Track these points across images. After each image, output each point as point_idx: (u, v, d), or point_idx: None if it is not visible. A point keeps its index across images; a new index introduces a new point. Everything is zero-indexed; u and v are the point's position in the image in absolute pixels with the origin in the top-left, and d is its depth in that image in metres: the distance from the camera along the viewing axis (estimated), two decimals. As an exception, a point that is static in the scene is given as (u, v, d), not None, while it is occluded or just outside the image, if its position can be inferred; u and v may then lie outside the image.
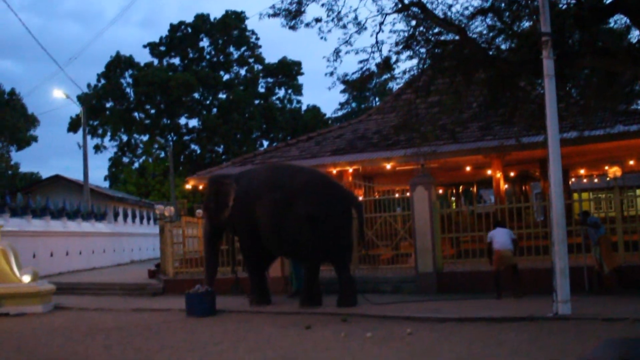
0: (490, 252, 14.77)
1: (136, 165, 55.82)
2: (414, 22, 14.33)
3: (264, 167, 17.00)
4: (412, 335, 10.65)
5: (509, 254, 14.61)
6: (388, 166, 20.13)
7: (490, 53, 13.69)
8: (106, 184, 56.68)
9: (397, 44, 14.52)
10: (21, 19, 74.59)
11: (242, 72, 56.29)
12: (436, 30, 14.37)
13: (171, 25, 54.86)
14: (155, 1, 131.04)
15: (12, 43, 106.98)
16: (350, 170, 20.92)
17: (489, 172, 21.54)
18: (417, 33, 14.46)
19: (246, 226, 15.49)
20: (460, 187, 31.16)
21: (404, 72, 15.47)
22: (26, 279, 17.25)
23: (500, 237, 14.71)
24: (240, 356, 9.67)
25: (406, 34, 14.47)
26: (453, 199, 30.44)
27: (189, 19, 55.18)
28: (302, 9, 14.85)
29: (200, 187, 23.54)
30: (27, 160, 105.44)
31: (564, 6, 13.32)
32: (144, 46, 54.65)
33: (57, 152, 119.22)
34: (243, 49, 55.67)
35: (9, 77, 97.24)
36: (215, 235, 16.40)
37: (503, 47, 14.03)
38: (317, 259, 14.95)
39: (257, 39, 55.92)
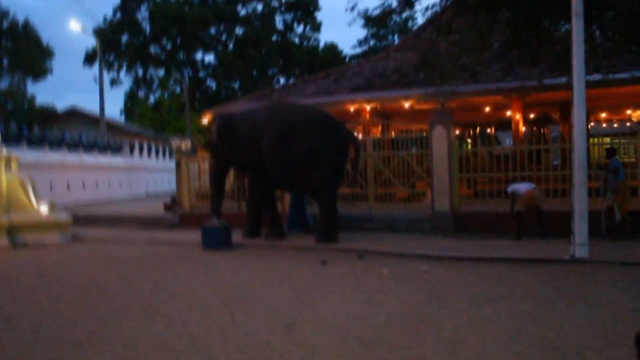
0: (514, 200, 14.61)
1: (152, 99, 55.76)
2: (438, -43, 14.03)
3: (267, 104, 17.12)
4: (428, 273, 10.71)
5: (538, 193, 14.60)
6: (406, 105, 19.96)
7: (516, -9, 13.39)
8: (122, 118, 56.80)
9: (420, -21, 14.22)
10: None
11: (259, 7, 55.55)
12: (461, -34, 14.06)
13: (188, -43, 54.00)
14: None
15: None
16: (368, 108, 20.76)
17: (508, 113, 21.33)
18: (441, -32, 14.17)
19: (252, 162, 15.65)
20: (478, 128, 30.92)
21: (426, 9, 15.23)
22: (44, 209, 17.41)
23: (524, 185, 14.71)
24: (256, 289, 9.75)
25: (430, -31, 14.18)
26: (469, 140, 30.24)
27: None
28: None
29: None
30: (43, 93, 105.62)
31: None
32: (161, -21, 53.97)
33: (73, 86, 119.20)
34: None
35: (24, 8, 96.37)
36: (221, 170, 16.57)
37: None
38: (328, 191, 15.00)
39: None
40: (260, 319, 7.85)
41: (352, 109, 20.64)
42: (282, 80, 54.18)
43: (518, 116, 20.27)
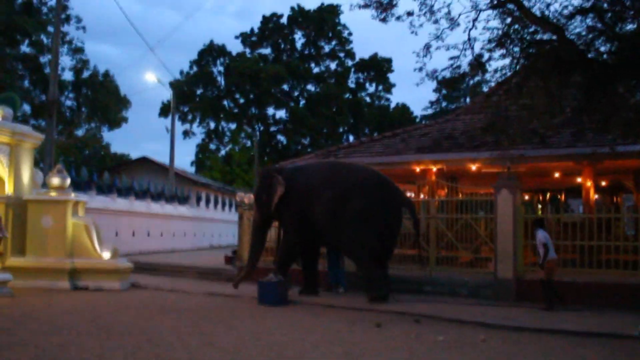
0: (546, 257, 14.16)
1: (222, 152, 56.68)
2: (509, 20, 13.87)
3: (321, 163, 17.70)
4: (485, 343, 10.27)
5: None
6: (473, 167, 19.61)
7: (589, 55, 13.08)
8: (192, 169, 57.83)
9: (490, 41, 14.10)
10: (120, 4, 76.52)
11: (332, 65, 56.24)
12: (532, 29, 13.86)
13: (264, 16, 55.33)
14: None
15: (111, 29, 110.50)
16: (434, 169, 20.48)
17: (579, 180, 20.70)
18: (511, 31, 13.99)
19: (300, 218, 15.92)
20: (547, 194, 30.16)
21: (495, 71, 15.02)
22: (106, 255, 17.63)
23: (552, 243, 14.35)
24: (306, 349, 9.51)
25: (500, 32, 14.02)
26: (539, 205, 29.51)
27: (282, 10, 55.67)
28: (394, 2, 14.60)
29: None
30: (118, 142, 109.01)
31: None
32: (236, 37, 55.33)
33: (147, 136, 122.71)
34: (334, 42, 55.60)
35: (105, 60, 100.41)
36: (264, 224, 16.86)
37: (602, 49, 13.37)
38: (372, 253, 15.10)
39: (350, 34, 55.80)
40: (304, 380, 7.60)
41: (418, 169, 20.40)
42: (351, 138, 54.37)
43: (589, 183, 19.63)
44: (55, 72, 24.79)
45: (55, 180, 17.93)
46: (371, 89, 57.24)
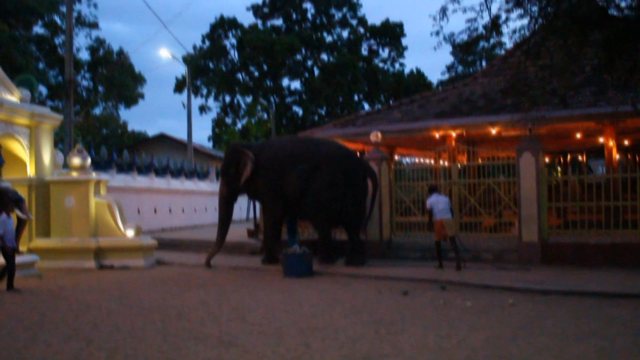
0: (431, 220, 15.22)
1: (239, 126, 56.59)
2: (526, -22, 13.62)
3: (290, 138, 19.01)
4: (514, 307, 10.24)
5: (450, 222, 15.04)
6: (493, 131, 19.44)
7: (609, 11, 12.85)
8: (210, 144, 57.86)
9: (507, 1, 13.86)
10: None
11: (345, 33, 55.76)
12: (550, -14, 13.61)
13: (275, -14, 54.77)
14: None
15: (122, 6, 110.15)
16: (454, 134, 20.33)
17: (601, 140, 20.48)
18: (529, -10, 13.75)
19: (272, 191, 16.72)
20: (569, 156, 29.90)
21: (514, 32, 14.81)
22: (130, 233, 17.73)
23: (441, 205, 15.06)
24: (335, 319, 9.52)
25: (518, -9, 13.79)
26: (559, 168, 29.27)
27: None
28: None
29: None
30: (135, 119, 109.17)
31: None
32: (247, 9, 54.92)
33: (163, 112, 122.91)
34: (345, 9, 55.05)
35: (118, 38, 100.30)
36: (231, 198, 17.61)
37: (623, 4, 13.13)
38: (330, 219, 16.27)
39: (359, -1, 55.19)
40: (335, 350, 7.61)
41: (437, 135, 20.27)
42: (367, 106, 54.07)
43: (611, 143, 19.39)
44: (70, 52, 24.72)
45: (76, 161, 17.99)
46: (384, 54, 56.73)
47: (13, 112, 17.04)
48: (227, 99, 54.64)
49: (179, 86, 52.30)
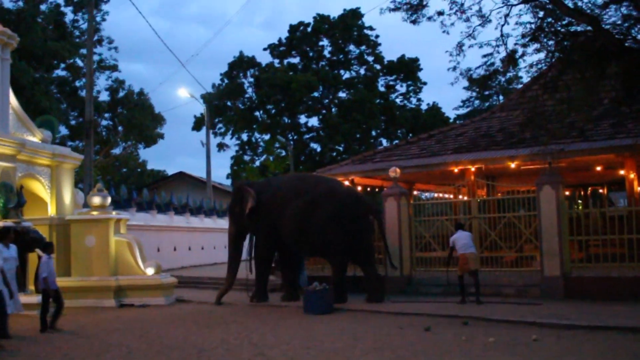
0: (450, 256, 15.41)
1: (257, 163, 56.81)
2: (541, 13, 13.75)
3: (288, 176, 19.36)
4: (538, 343, 10.09)
5: (473, 257, 15.00)
6: (512, 165, 19.35)
7: (626, 44, 12.87)
8: (228, 182, 58.09)
9: (523, 36, 14.01)
10: (149, 22, 77.61)
11: (362, 70, 56.08)
12: (566, 21, 13.71)
13: (291, 25, 55.33)
14: (277, 3, 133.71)
15: (142, 47, 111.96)
16: (473, 169, 20.25)
17: (622, 172, 20.34)
18: (545, 24, 13.87)
19: (266, 229, 16.87)
20: (589, 189, 29.69)
21: (531, 66, 14.88)
22: (150, 271, 17.79)
23: (464, 240, 15.08)
24: (357, 356, 9.45)
25: (533, 26, 13.90)
26: (580, 200, 29.06)
27: (309, 19, 55.62)
28: (424, 2, 14.54)
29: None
30: (154, 158, 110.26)
31: None
32: (264, 49, 55.48)
33: (182, 150, 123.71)
34: (362, 47, 55.45)
35: (138, 78, 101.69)
36: (238, 237, 17.75)
37: (639, 36, 13.16)
38: (343, 256, 16.15)
39: (377, 36, 55.57)
40: (358, 388, 7.53)
41: (456, 170, 20.21)
42: (384, 142, 54.17)
43: (632, 175, 19.26)
44: (90, 92, 25.12)
45: (96, 200, 18.12)
46: (402, 89, 56.94)
47: (35, 152, 17.27)
48: (245, 136, 54.98)
49: (198, 124, 52.71)
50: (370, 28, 55.23)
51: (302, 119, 55.16)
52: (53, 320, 12.92)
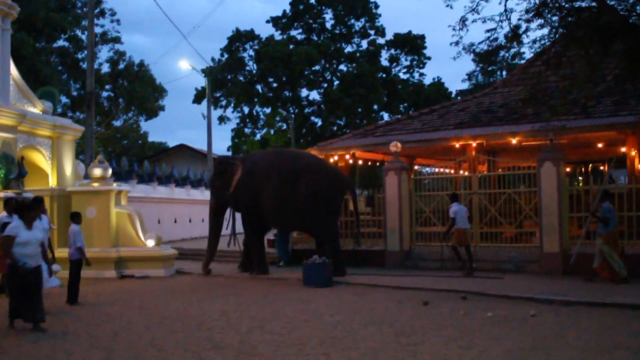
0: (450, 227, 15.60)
1: (258, 136, 56.74)
2: (546, -12, 13.60)
3: (267, 151, 19.28)
4: (536, 318, 10.15)
5: (469, 232, 15.69)
6: (514, 141, 19.31)
7: (630, 20, 12.78)
8: (229, 154, 58.08)
9: (527, 11, 13.88)
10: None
11: (364, 44, 55.76)
12: (570, -4, 13.58)
13: (293, -3, 54.93)
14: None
15: (143, 19, 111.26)
16: (474, 144, 20.22)
17: (623, 149, 20.31)
18: (549, 0, 13.72)
19: (250, 203, 17.01)
20: (590, 166, 29.67)
21: (534, 42, 14.78)
22: (150, 243, 17.84)
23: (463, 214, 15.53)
24: (356, 329, 9.50)
25: (537, 1, 13.76)
26: (581, 177, 29.05)
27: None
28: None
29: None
30: (156, 130, 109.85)
31: None
32: (267, 21, 55.11)
33: (183, 123, 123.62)
34: (364, 20, 55.06)
35: (139, 50, 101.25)
36: (220, 210, 18.01)
37: (645, 13, 13.07)
38: (332, 230, 16.41)
39: (377, 6, 55.12)
40: (356, 361, 7.59)
41: (457, 145, 20.17)
42: (386, 116, 54.02)
43: (633, 152, 19.23)
44: (91, 63, 24.98)
45: (97, 171, 18.12)
46: (406, 62, 56.59)
47: (36, 124, 17.24)
48: (246, 109, 54.83)
49: (199, 97, 52.56)
50: (375, 4, 54.84)
51: (303, 92, 54.96)
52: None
